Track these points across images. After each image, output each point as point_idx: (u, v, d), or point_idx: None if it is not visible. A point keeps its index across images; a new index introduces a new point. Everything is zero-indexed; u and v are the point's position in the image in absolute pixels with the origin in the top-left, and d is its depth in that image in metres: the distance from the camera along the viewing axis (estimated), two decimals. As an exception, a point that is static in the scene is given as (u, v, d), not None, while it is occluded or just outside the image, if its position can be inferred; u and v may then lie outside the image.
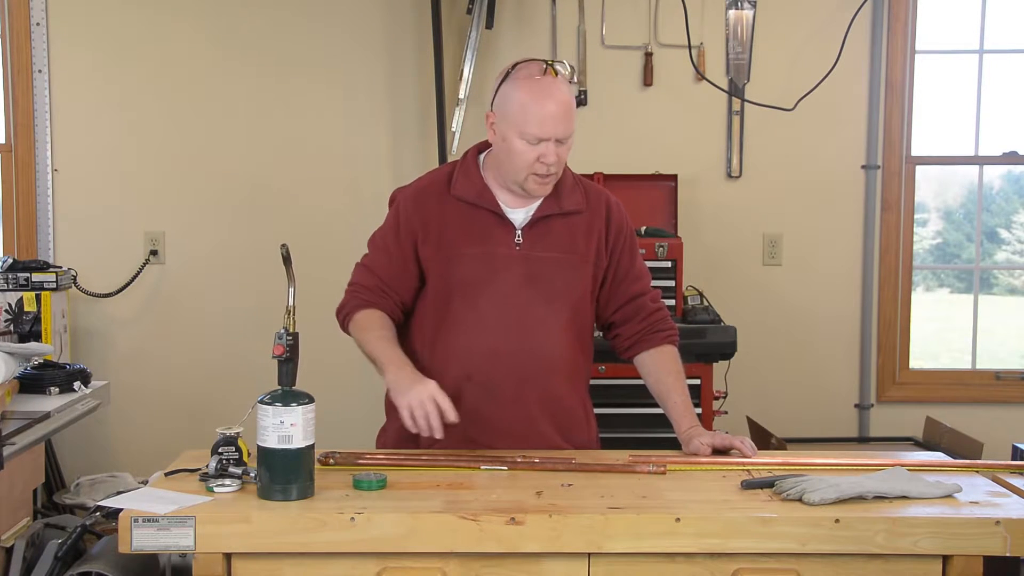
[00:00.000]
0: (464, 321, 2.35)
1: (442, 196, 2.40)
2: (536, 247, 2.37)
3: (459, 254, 2.36)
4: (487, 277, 2.35)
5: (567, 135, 2.30)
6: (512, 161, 2.31)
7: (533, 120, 2.26)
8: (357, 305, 2.40)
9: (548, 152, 2.27)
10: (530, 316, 2.35)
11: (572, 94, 2.33)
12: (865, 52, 4.23)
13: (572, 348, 2.41)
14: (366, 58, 4.23)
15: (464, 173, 2.42)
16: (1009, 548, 1.85)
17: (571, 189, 2.42)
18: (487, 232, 2.37)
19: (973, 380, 4.36)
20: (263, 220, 4.20)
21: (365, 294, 2.41)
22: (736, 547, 1.86)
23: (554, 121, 2.26)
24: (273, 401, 1.91)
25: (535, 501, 1.93)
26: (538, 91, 2.27)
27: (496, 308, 2.34)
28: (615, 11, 4.20)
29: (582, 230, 2.40)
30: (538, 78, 2.28)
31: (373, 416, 4.23)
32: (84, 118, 4.18)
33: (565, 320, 2.38)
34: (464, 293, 2.35)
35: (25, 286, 3.77)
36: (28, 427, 2.70)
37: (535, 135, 2.27)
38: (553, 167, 2.30)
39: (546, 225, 2.38)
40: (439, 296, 2.38)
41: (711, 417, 3.72)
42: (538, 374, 2.35)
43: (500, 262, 2.35)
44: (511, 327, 2.34)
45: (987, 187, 4.74)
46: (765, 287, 4.29)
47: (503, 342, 2.33)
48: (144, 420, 4.20)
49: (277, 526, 1.85)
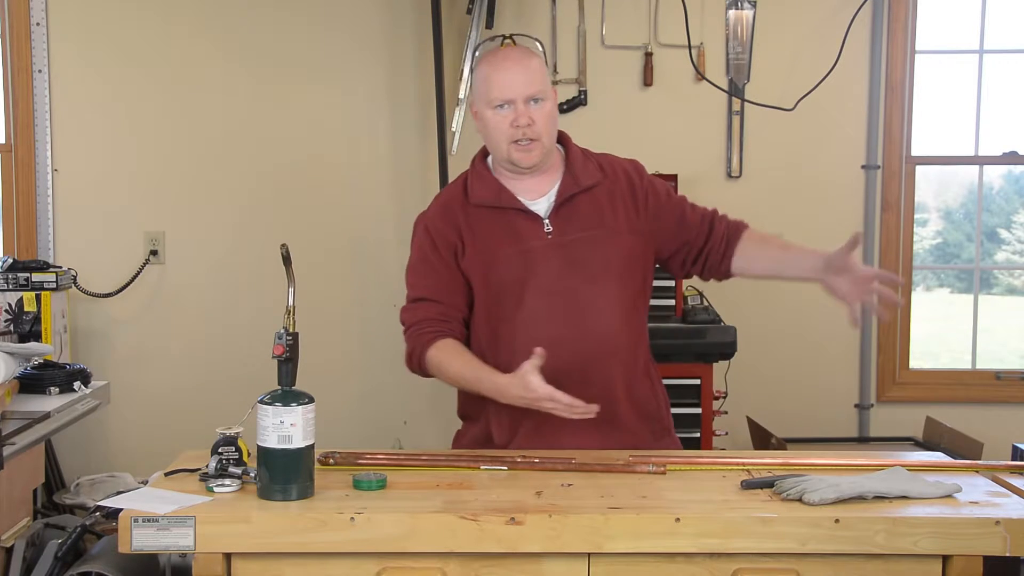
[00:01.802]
0: (515, 320, 2.35)
1: (464, 206, 2.41)
2: (567, 231, 2.37)
3: (495, 257, 2.36)
4: (527, 273, 2.35)
5: (534, 93, 2.31)
6: (490, 136, 2.35)
7: (495, 85, 2.31)
8: (424, 345, 2.36)
9: (520, 114, 2.30)
10: (578, 300, 2.34)
11: (540, 63, 2.37)
12: (865, 52, 4.23)
13: (627, 321, 2.39)
14: (366, 58, 4.23)
15: (477, 179, 2.43)
16: (1009, 548, 1.85)
17: (584, 164, 2.42)
18: (516, 229, 2.37)
19: (973, 380, 4.36)
20: (263, 220, 4.20)
21: (427, 327, 2.37)
22: (736, 547, 1.86)
23: (513, 79, 2.30)
24: (273, 401, 1.91)
25: (535, 501, 1.93)
26: (495, 58, 2.37)
27: (543, 300, 2.34)
28: (615, 11, 4.20)
29: (606, 201, 2.40)
30: (497, 50, 2.42)
31: (373, 416, 4.27)
32: (84, 118, 4.18)
33: (613, 295, 2.37)
34: (509, 293, 2.36)
35: (25, 286, 3.77)
36: (28, 427, 2.70)
37: (499, 97, 2.31)
38: (529, 131, 2.31)
39: (571, 206, 2.38)
40: (486, 302, 2.38)
41: (711, 417, 3.72)
42: (599, 354, 2.33)
43: (536, 255, 2.35)
44: (562, 315, 2.33)
45: (987, 187, 4.74)
46: (765, 287, 4.28)
47: (558, 331, 2.31)
48: (144, 420, 4.20)
49: (277, 526, 1.85)
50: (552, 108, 2.35)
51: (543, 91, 2.32)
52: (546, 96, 2.33)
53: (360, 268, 4.26)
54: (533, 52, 2.42)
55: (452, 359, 2.33)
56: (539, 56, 2.41)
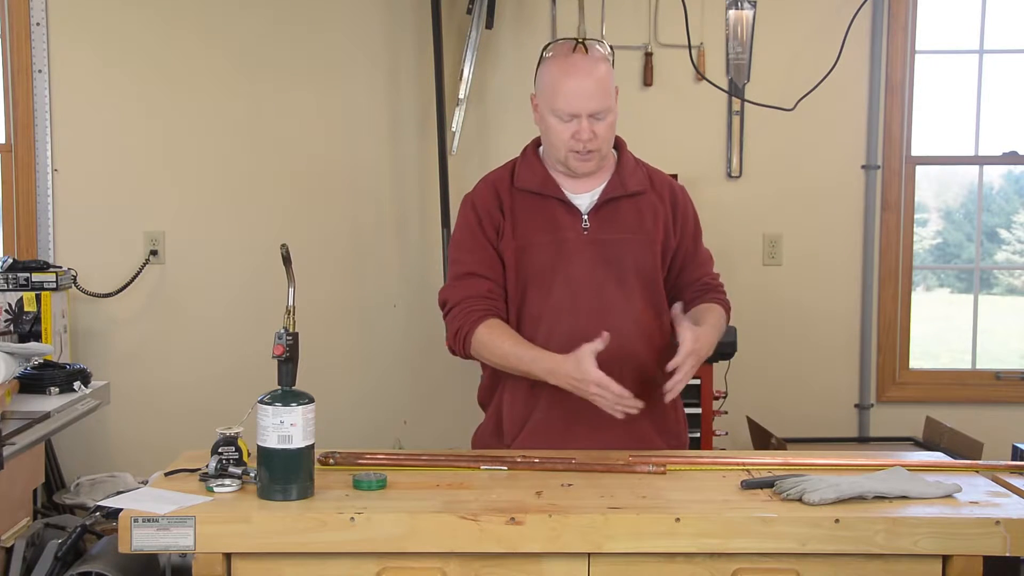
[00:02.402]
0: (541, 311, 2.36)
1: (509, 189, 2.42)
2: (604, 230, 2.38)
3: (529, 244, 2.37)
4: (558, 264, 2.36)
5: (599, 110, 2.31)
6: (550, 139, 2.36)
7: (561, 96, 2.29)
8: (475, 322, 2.34)
9: (582, 129, 2.30)
10: (605, 299, 2.35)
11: (607, 71, 2.34)
12: (865, 52, 4.23)
13: (650, 326, 2.39)
14: (366, 58, 4.23)
15: (526, 165, 2.44)
16: (1009, 548, 1.85)
17: (633, 170, 2.44)
18: (554, 219, 2.38)
19: (973, 380, 4.36)
20: (263, 220, 4.20)
21: (475, 305, 2.36)
22: (736, 547, 1.86)
23: (582, 96, 2.29)
24: (273, 401, 1.91)
25: (535, 501, 1.93)
26: (566, 67, 2.32)
27: (570, 294, 2.35)
28: (615, 11, 4.20)
29: (648, 210, 2.41)
30: (568, 55, 2.33)
31: (373, 416, 4.27)
32: (84, 118, 4.18)
33: (640, 300, 2.38)
34: (538, 282, 2.37)
35: (25, 286, 3.77)
36: (28, 427, 2.70)
37: (564, 111, 2.30)
38: (590, 144, 2.32)
39: (613, 207, 2.40)
40: (515, 288, 2.39)
41: (711, 417, 3.72)
42: (618, 354, 2.30)
43: (570, 248, 2.36)
44: (587, 312, 2.34)
45: (987, 187, 4.74)
46: (765, 287, 4.29)
47: (581, 328, 2.30)
48: (144, 420, 4.20)
49: (277, 526, 1.85)
50: (613, 120, 2.35)
51: (608, 105, 2.32)
52: (610, 109, 2.33)
53: (360, 268, 4.26)
54: (602, 59, 2.37)
55: (503, 338, 2.32)
56: (607, 63, 2.37)
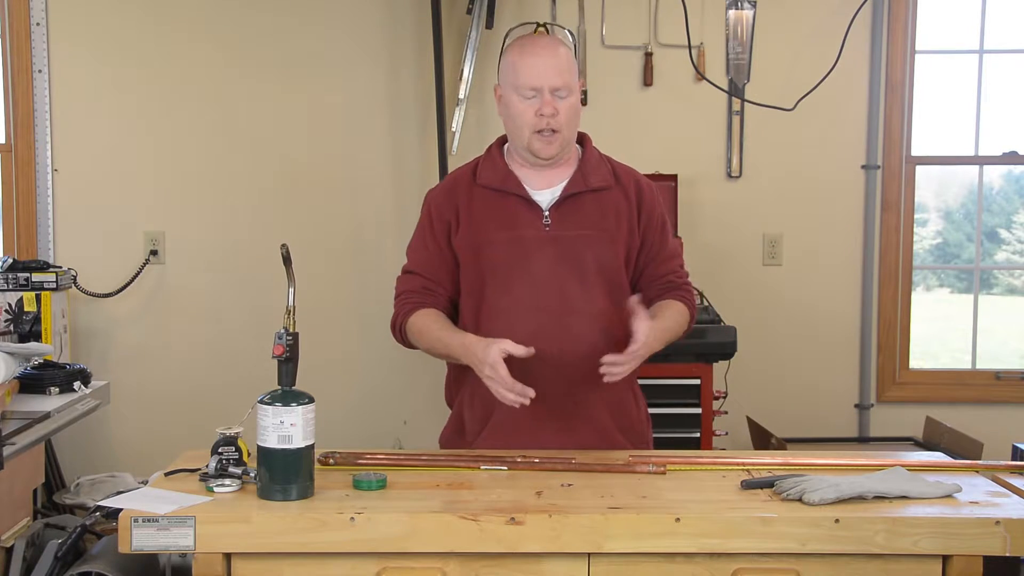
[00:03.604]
0: (500, 308, 2.35)
1: (469, 186, 2.42)
2: (565, 226, 2.37)
3: (488, 240, 2.37)
4: (518, 261, 2.35)
5: (561, 86, 2.31)
6: (514, 122, 2.36)
7: (523, 71, 2.32)
8: (407, 312, 2.40)
9: (545, 103, 2.30)
10: (565, 296, 2.34)
11: (568, 54, 2.36)
12: (865, 52, 4.23)
13: (611, 325, 2.37)
14: (366, 58, 4.23)
15: (489, 162, 2.44)
16: (1009, 548, 1.85)
17: (596, 165, 2.43)
18: (514, 216, 2.38)
19: (973, 380, 4.36)
20: (263, 220, 4.20)
21: (411, 297, 2.42)
22: (736, 547, 1.86)
23: (544, 69, 2.30)
24: (273, 401, 1.91)
25: (535, 501, 1.93)
26: (527, 45, 2.37)
27: (530, 292, 2.34)
28: (615, 11, 4.20)
29: (611, 206, 2.40)
30: (529, 37, 2.41)
31: (372, 416, 4.27)
32: (84, 118, 4.18)
33: (601, 296, 2.37)
34: (497, 279, 2.36)
35: (25, 286, 3.77)
36: (28, 427, 2.70)
37: (526, 85, 2.31)
38: (553, 122, 2.32)
39: (574, 203, 2.39)
40: (473, 285, 2.39)
41: (711, 417, 3.72)
42: (578, 352, 2.31)
43: (530, 245, 2.36)
44: (547, 309, 2.33)
45: (987, 187, 4.74)
46: (765, 287, 4.29)
47: (541, 325, 2.31)
48: (144, 420, 4.20)
49: (277, 526, 1.85)
50: (576, 103, 2.36)
51: (570, 84, 2.33)
52: (572, 90, 2.34)
53: (360, 268, 4.26)
54: (563, 42, 2.42)
55: (430, 324, 2.36)
56: (568, 47, 2.41)
